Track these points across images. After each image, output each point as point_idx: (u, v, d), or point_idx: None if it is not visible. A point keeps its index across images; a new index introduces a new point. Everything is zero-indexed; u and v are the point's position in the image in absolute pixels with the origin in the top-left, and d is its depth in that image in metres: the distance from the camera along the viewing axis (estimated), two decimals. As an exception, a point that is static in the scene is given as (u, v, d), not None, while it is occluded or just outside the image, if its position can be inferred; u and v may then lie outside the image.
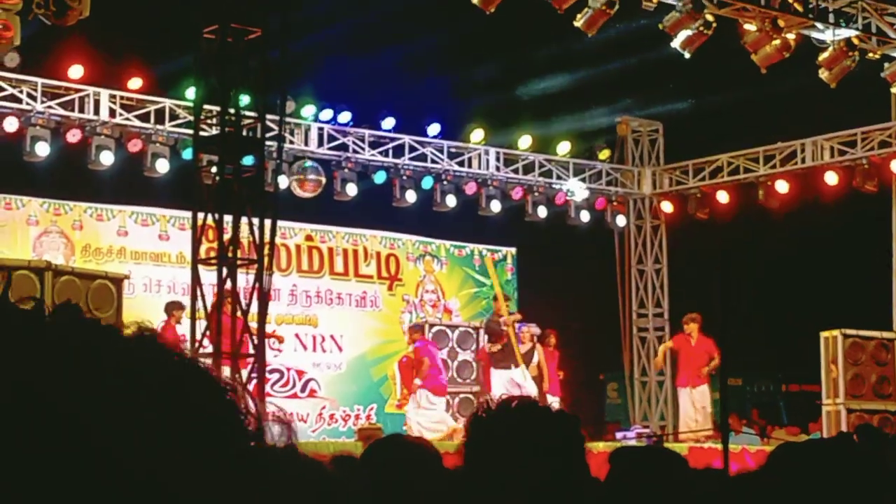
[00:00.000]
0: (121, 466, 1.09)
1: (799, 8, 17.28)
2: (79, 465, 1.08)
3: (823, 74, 17.91)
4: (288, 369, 20.11)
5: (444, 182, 21.57)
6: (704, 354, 18.47)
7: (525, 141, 22.22)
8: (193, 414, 1.15)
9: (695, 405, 18.77)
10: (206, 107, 14.91)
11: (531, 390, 17.64)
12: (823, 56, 17.83)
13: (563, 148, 22.63)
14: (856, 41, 17.72)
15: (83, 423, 1.10)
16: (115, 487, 1.09)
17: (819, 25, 17.68)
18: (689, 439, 17.98)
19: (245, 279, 14.01)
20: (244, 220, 13.99)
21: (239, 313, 13.92)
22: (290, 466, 1.35)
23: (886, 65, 18.57)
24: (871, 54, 18.36)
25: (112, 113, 18.54)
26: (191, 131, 15.81)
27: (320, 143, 20.38)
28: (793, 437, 19.02)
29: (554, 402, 17.88)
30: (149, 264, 19.56)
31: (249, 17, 14.03)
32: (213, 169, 14.41)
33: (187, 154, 17.99)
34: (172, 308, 17.15)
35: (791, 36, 17.31)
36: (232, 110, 14.12)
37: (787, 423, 21.92)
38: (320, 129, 20.40)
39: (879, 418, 17.91)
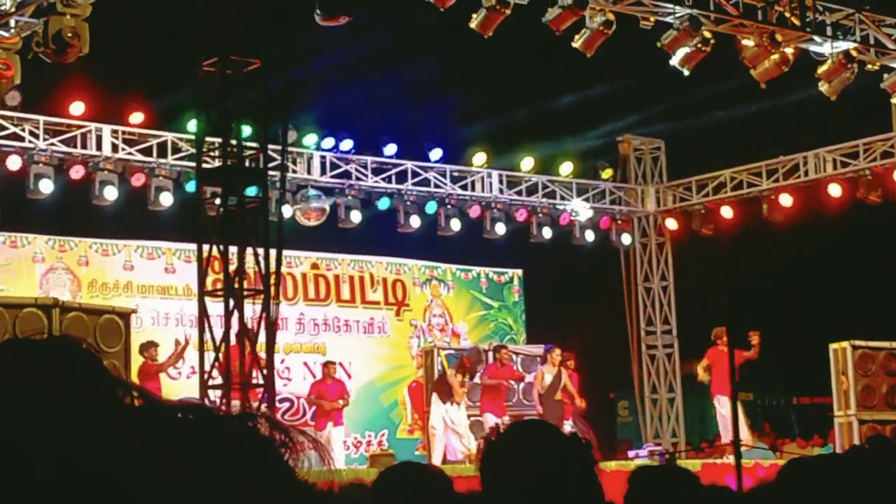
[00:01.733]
0: None
1: (796, 22, 17.31)
2: None
3: (823, 87, 17.93)
4: (298, 398, 20.09)
5: (448, 206, 21.58)
6: (740, 361, 18.39)
7: (527, 163, 22.24)
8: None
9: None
10: (208, 139, 14.94)
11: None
12: (822, 69, 17.85)
13: (566, 168, 22.65)
14: (854, 53, 17.74)
15: None
16: None
17: (817, 39, 17.70)
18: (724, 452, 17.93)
19: (252, 309, 14.01)
20: (249, 250, 14.01)
21: (247, 344, 13.92)
22: None
23: (886, 75, 18.58)
24: (869, 66, 18.38)
25: (114, 148, 18.58)
26: (193, 164, 15.84)
27: (323, 172, 20.41)
28: (806, 450, 19.00)
29: (569, 425, 18.09)
30: (156, 298, 19.57)
31: (248, 49, 14.07)
32: (217, 201, 14.43)
33: (190, 187, 18.02)
34: (146, 348, 17.21)
35: (789, 50, 17.33)
36: (234, 142, 14.14)
37: (799, 435, 21.85)
38: (322, 157, 20.44)
39: (892, 429, 17.85)
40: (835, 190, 21.28)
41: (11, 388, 1.17)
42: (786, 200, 21.91)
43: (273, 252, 14.16)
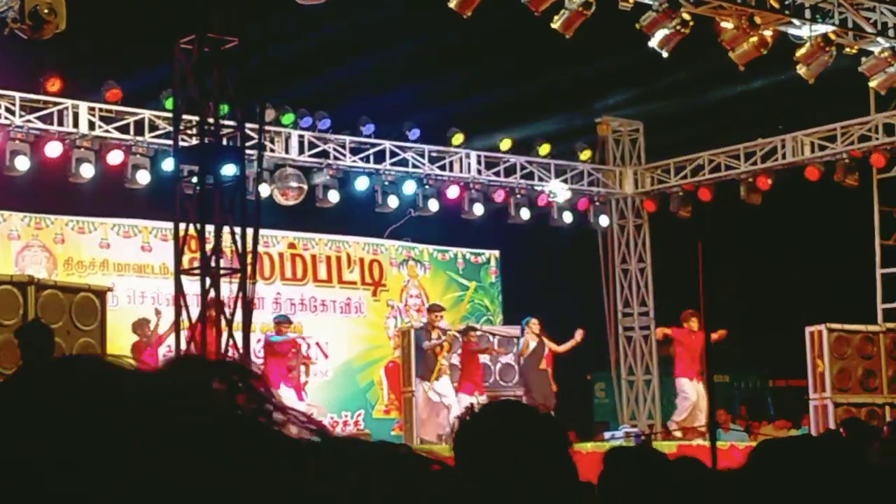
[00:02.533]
0: None
1: (775, 4, 17.32)
2: None
3: (801, 70, 17.95)
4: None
5: (426, 186, 21.57)
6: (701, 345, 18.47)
7: (506, 143, 22.23)
8: None
9: (701, 400, 18.82)
10: (186, 117, 14.88)
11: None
12: (801, 52, 17.87)
13: (545, 150, 22.64)
14: (833, 36, 17.76)
15: None
16: None
17: (796, 21, 17.71)
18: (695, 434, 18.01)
19: (229, 288, 13.98)
20: (226, 229, 13.97)
21: (223, 323, 13.89)
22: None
23: (864, 59, 18.61)
24: (848, 49, 18.41)
25: (91, 125, 18.49)
26: (171, 142, 15.78)
27: (301, 151, 20.36)
28: (782, 432, 19.06)
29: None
30: (132, 276, 19.52)
31: (226, 27, 14.00)
32: (194, 179, 14.38)
33: (168, 165, 17.96)
34: (139, 325, 17.33)
35: (768, 33, 17.34)
36: (211, 120, 14.09)
37: (779, 418, 21.92)
38: (300, 136, 20.39)
39: (866, 412, 17.95)
40: (812, 173, 21.33)
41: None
42: (763, 183, 21.96)
43: (250, 231, 14.13)
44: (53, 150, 18.20)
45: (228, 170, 14.13)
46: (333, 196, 20.57)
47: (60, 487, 1.11)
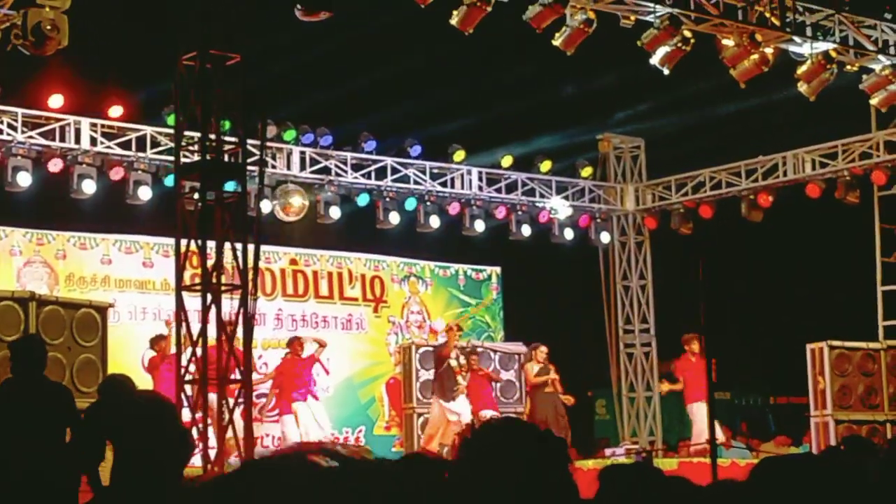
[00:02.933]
0: None
1: (776, 22, 17.34)
2: None
3: (802, 88, 17.97)
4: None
5: (428, 203, 21.58)
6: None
7: (507, 160, 22.25)
8: None
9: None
10: (187, 133, 14.89)
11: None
12: (802, 69, 17.89)
13: (546, 166, 22.67)
14: (833, 54, 17.79)
15: None
16: None
17: (797, 39, 17.74)
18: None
19: (230, 305, 13.97)
20: (227, 245, 13.97)
21: (225, 339, 13.87)
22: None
23: (865, 76, 18.63)
24: (849, 67, 18.43)
25: (93, 141, 18.52)
26: (172, 158, 15.79)
27: (302, 167, 20.38)
28: (783, 449, 19.05)
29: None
30: (133, 292, 19.52)
31: (228, 43, 14.02)
32: (196, 195, 14.38)
33: (169, 181, 17.97)
34: (156, 341, 17.43)
35: (769, 50, 17.36)
36: (213, 136, 14.10)
37: (780, 434, 21.90)
38: (302, 152, 20.41)
39: (868, 429, 17.93)
40: (813, 190, 21.34)
41: None
42: (764, 200, 21.97)
43: (251, 247, 14.13)
44: (55, 166, 18.23)
45: (230, 186, 14.14)
46: (335, 212, 20.58)
47: None
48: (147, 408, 2.93)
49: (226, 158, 14.23)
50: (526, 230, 22.46)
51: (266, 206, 19.02)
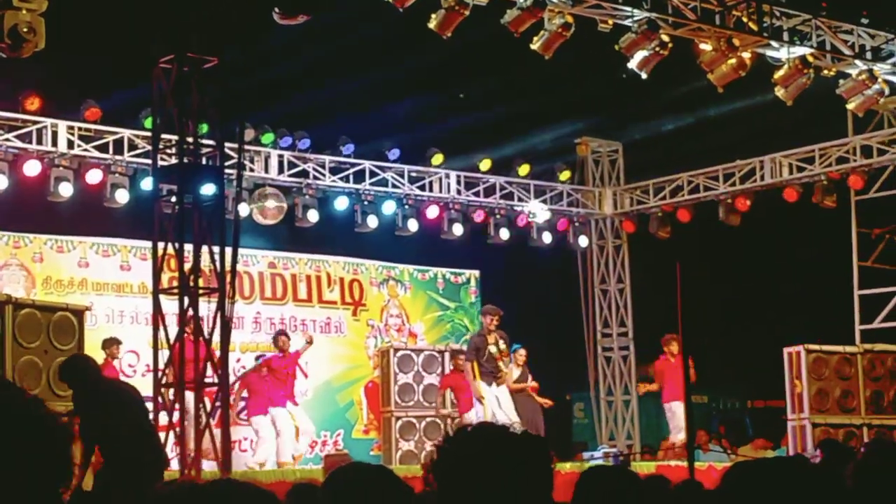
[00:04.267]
0: None
1: (754, 27, 17.39)
2: None
3: (779, 92, 18.03)
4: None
5: (406, 206, 21.58)
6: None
7: (485, 163, 22.26)
8: None
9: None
10: (165, 136, 14.86)
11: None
12: (779, 74, 17.94)
13: (524, 170, 22.69)
14: (810, 59, 17.84)
15: None
16: None
17: (774, 44, 17.79)
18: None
19: (207, 308, 13.94)
20: (205, 248, 13.94)
21: (202, 342, 13.84)
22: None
23: (841, 81, 18.70)
24: (826, 71, 18.49)
25: (70, 144, 18.46)
26: (150, 161, 15.75)
27: (280, 171, 20.36)
28: (761, 452, 19.09)
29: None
30: (111, 295, 19.46)
31: (206, 47, 14.00)
32: (173, 198, 14.35)
33: (147, 184, 17.93)
34: (109, 345, 17.28)
35: (746, 55, 17.41)
36: (190, 139, 14.08)
37: (758, 437, 21.94)
38: (280, 156, 20.38)
39: (844, 432, 17.98)
40: (790, 194, 21.42)
41: None
42: (742, 204, 22.03)
43: (229, 250, 14.10)
44: (32, 168, 18.16)
45: (208, 189, 14.11)
46: (313, 216, 20.56)
47: None
48: None
49: (203, 161, 14.22)
50: (504, 234, 22.49)
51: (244, 210, 18.99)
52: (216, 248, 13.97)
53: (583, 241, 23.74)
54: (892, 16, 18.94)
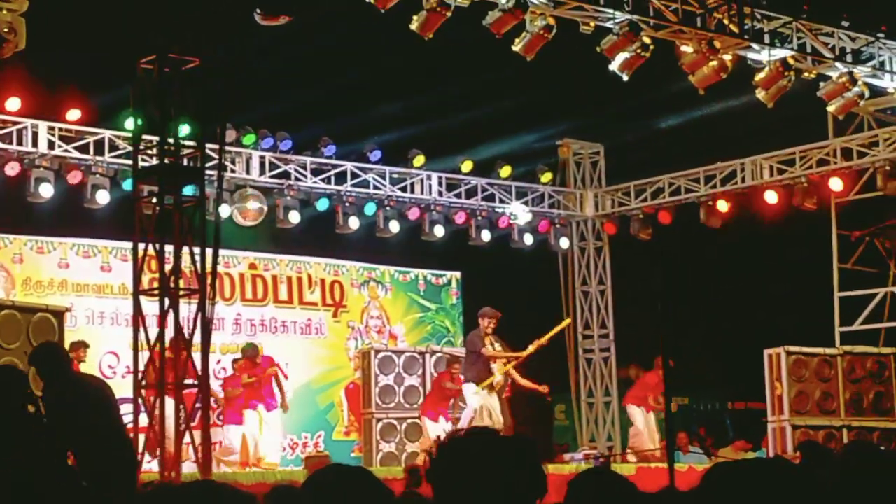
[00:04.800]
0: None
1: (735, 29, 17.44)
2: None
3: (760, 94, 18.07)
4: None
5: (387, 208, 21.57)
6: (660, 384, 18.47)
7: (467, 165, 22.26)
8: None
9: (650, 425, 18.89)
10: (146, 137, 14.82)
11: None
12: (760, 76, 17.99)
13: (506, 171, 22.69)
14: (791, 61, 17.89)
15: None
16: None
17: (755, 46, 17.84)
18: (650, 457, 18.05)
19: (188, 309, 13.90)
20: (186, 249, 13.91)
21: (182, 344, 13.81)
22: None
23: (822, 84, 18.75)
24: (806, 74, 18.54)
25: (51, 145, 18.41)
26: (130, 162, 15.71)
27: (262, 172, 20.32)
28: (741, 454, 19.13)
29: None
30: (91, 296, 19.42)
31: (187, 47, 13.97)
32: (154, 199, 14.32)
33: (127, 185, 17.88)
34: (76, 347, 17.19)
35: (728, 57, 17.45)
36: (171, 140, 14.04)
37: (734, 439, 22.00)
38: (261, 157, 20.35)
39: (824, 434, 18.04)
40: (771, 196, 21.47)
41: None
42: (723, 206, 22.08)
43: (210, 251, 14.07)
44: (12, 169, 18.11)
45: (188, 190, 14.09)
46: (294, 217, 20.53)
47: None
48: None
49: (185, 162, 14.19)
50: (486, 235, 22.49)
51: (225, 211, 18.96)
52: (197, 250, 13.94)
53: (564, 242, 23.76)
54: (872, 18, 19.01)
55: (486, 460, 3.04)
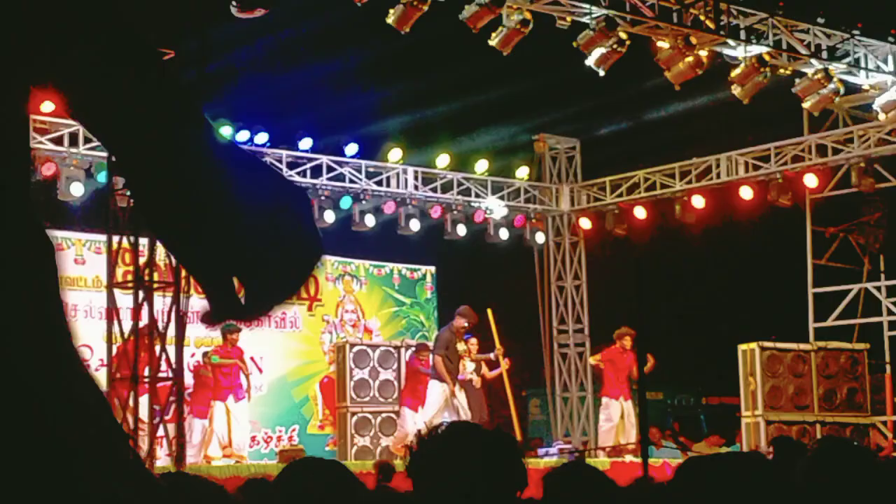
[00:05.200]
0: None
1: (711, 25, 17.47)
2: None
3: (736, 90, 18.12)
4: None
5: (363, 202, 21.54)
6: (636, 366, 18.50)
7: (443, 159, 22.25)
8: None
9: (628, 418, 18.85)
10: (121, 129, 14.75)
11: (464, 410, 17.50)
12: (736, 72, 18.03)
13: (482, 166, 22.69)
14: (767, 57, 17.95)
15: None
16: None
17: (731, 42, 17.89)
18: (624, 451, 18.08)
19: (162, 302, 13.88)
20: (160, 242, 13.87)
21: (157, 337, 13.78)
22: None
23: (797, 80, 18.81)
24: (782, 70, 18.60)
25: (25, 136, 18.29)
26: (105, 154, 15.67)
27: (237, 165, 20.23)
28: (715, 449, 19.19)
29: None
30: (65, 289, 19.32)
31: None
32: (128, 192, 14.27)
33: (102, 177, 17.82)
34: None
35: (703, 53, 17.49)
36: (146, 132, 13.98)
37: (707, 434, 22.08)
38: (237, 150, 20.26)
39: (798, 429, 18.11)
40: (746, 192, 21.53)
41: None
42: (698, 202, 22.12)
43: (184, 244, 14.02)
44: (-15, 161, 17.99)
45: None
46: (270, 210, 20.45)
47: None
48: None
49: (159, 155, 14.13)
50: (461, 230, 22.48)
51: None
52: (171, 242, 13.88)
53: (539, 237, 23.77)
54: (848, 16, 19.08)
55: (466, 454, 3.04)
